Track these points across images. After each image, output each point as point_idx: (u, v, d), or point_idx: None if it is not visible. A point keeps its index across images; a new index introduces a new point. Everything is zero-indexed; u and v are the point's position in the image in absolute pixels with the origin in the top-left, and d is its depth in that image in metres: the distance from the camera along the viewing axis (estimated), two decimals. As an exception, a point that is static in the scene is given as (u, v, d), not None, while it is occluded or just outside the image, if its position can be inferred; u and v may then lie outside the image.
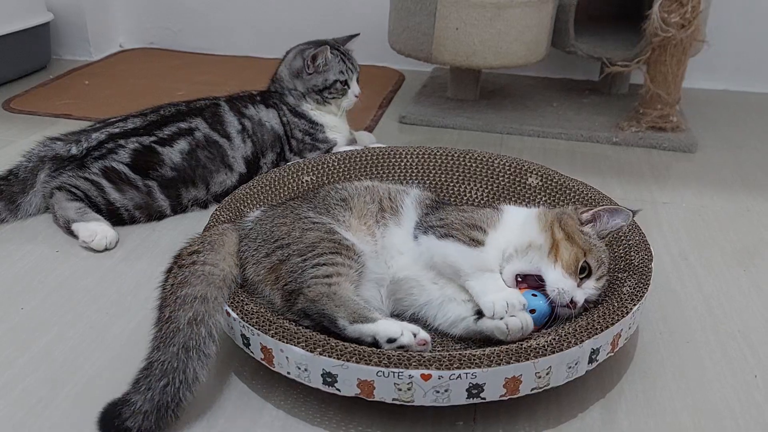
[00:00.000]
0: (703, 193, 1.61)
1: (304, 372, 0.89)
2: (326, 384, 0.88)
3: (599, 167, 1.74)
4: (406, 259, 1.07)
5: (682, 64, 1.82)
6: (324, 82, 1.59)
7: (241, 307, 0.95)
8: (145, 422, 0.84)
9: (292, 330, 0.90)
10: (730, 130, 2.02)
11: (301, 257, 0.99)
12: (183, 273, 0.96)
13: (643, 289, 1.01)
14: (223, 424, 0.91)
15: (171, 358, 0.87)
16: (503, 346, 0.88)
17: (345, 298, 0.93)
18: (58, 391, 0.96)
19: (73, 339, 1.07)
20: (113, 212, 1.38)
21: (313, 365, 0.87)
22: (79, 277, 1.23)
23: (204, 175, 1.47)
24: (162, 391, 0.85)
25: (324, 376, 0.87)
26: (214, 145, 1.49)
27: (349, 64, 1.62)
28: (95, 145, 1.41)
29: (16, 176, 1.40)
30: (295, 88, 1.61)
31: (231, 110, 1.55)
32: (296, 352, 0.88)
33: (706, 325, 1.14)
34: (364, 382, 0.86)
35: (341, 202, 1.12)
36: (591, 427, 0.92)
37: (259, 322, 0.92)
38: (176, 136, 1.46)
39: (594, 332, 0.91)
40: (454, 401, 0.86)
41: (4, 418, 0.92)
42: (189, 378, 0.87)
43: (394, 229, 1.10)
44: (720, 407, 0.96)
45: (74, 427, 0.90)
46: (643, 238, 1.14)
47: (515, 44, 1.86)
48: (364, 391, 0.86)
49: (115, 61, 2.56)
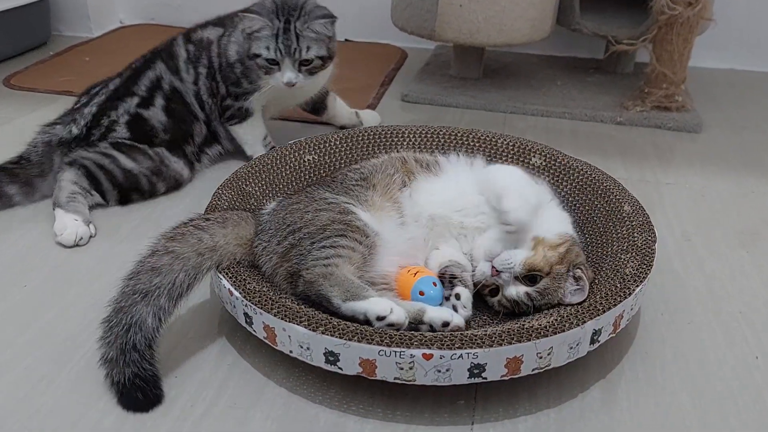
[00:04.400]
0: (707, 174, 1.60)
1: (306, 351, 0.89)
2: (328, 363, 0.88)
3: (603, 147, 1.72)
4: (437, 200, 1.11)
5: (689, 43, 1.80)
6: (248, 50, 1.41)
7: (243, 285, 0.95)
8: (124, 371, 0.89)
9: (295, 309, 0.90)
10: (735, 110, 2.00)
11: (310, 240, 0.99)
12: (179, 230, 0.99)
13: (646, 270, 1.01)
14: (225, 402, 0.92)
15: (130, 303, 0.91)
16: (505, 326, 0.89)
17: (341, 278, 0.93)
18: (62, 367, 0.97)
19: (75, 317, 1.07)
20: (134, 182, 1.38)
21: (315, 344, 0.88)
22: (82, 255, 1.23)
23: (186, 129, 1.47)
24: (122, 336, 0.89)
25: (326, 354, 0.88)
26: (176, 94, 1.47)
27: (287, 44, 1.36)
28: (91, 120, 1.41)
29: (28, 160, 1.38)
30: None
31: (183, 39, 1.51)
32: (298, 330, 0.88)
33: (707, 306, 1.14)
34: (366, 361, 0.86)
35: (361, 182, 1.11)
36: (591, 407, 0.93)
37: (261, 301, 0.92)
38: (151, 91, 1.46)
39: (596, 313, 0.91)
40: (455, 380, 0.87)
41: (8, 395, 0.92)
42: (138, 322, 0.89)
43: (425, 182, 1.14)
44: (720, 388, 0.97)
45: (78, 403, 0.91)
46: (647, 218, 1.13)
47: (519, 21, 1.84)
48: (366, 369, 0.87)
49: (116, 38, 2.54)
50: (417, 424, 0.89)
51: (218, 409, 0.91)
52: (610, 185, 1.23)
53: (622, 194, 1.20)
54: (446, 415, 0.91)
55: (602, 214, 1.19)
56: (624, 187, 1.23)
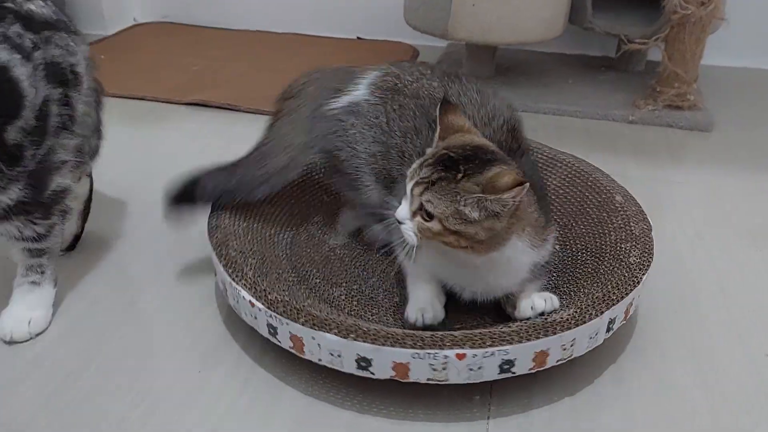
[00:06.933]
0: (719, 173, 1.60)
1: (337, 358, 0.90)
2: (360, 368, 0.89)
3: (615, 146, 1.73)
4: None
5: (701, 42, 1.80)
6: None
7: (265, 296, 0.94)
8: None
9: (322, 317, 0.90)
10: (747, 108, 2.00)
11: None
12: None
13: (648, 258, 1.04)
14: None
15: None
16: (529, 322, 0.91)
17: None
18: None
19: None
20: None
21: (347, 351, 0.88)
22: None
23: None
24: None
25: (358, 361, 0.89)
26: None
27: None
28: None
29: None
30: None
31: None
32: (329, 339, 0.88)
33: (719, 303, 1.15)
34: (399, 365, 0.87)
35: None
36: (604, 394, 0.94)
37: (286, 311, 0.92)
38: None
39: (611, 303, 0.94)
40: (486, 377, 0.89)
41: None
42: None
43: None
44: (730, 384, 0.98)
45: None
46: (639, 208, 1.16)
47: (532, 21, 1.84)
48: (399, 373, 0.88)
49: (130, 35, 2.56)
50: (433, 421, 0.91)
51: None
52: (598, 176, 1.26)
53: (612, 185, 1.23)
54: (462, 410, 0.92)
55: (594, 205, 1.21)
56: (612, 178, 1.25)
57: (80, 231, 1.26)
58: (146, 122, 1.82)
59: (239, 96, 1.93)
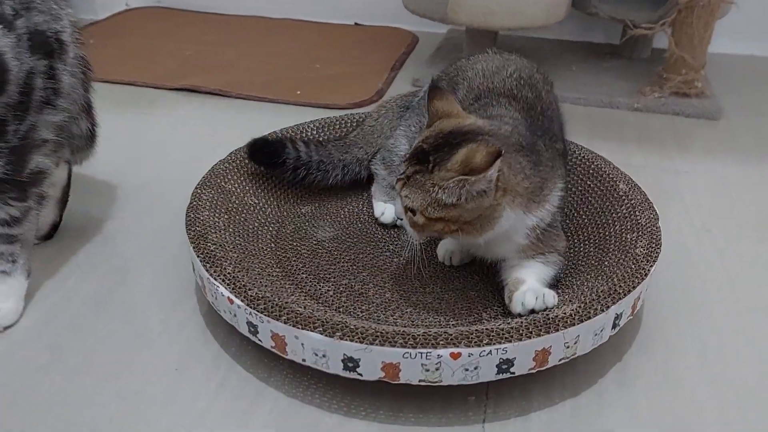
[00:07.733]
0: (727, 162, 1.55)
1: (321, 358, 0.84)
2: (347, 369, 0.83)
3: (620, 134, 1.67)
4: None
5: (710, 27, 1.74)
6: None
7: (245, 293, 0.88)
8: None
9: (306, 314, 0.84)
10: (755, 96, 1.94)
11: None
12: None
13: (656, 249, 0.98)
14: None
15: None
16: (530, 318, 0.85)
17: None
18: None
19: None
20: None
21: (333, 351, 0.82)
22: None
23: None
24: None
25: (344, 361, 0.83)
26: None
27: None
28: None
29: None
30: None
31: None
32: (313, 338, 0.82)
33: (726, 296, 1.10)
34: (389, 365, 0.81)
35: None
36: (607, 398, 0.89)
37: (267, 309, 0.86)
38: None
39: (618, 297, 0.88)
40: (483, 378, 0.83)
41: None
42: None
43: None
44: (736, 380, 0.93)
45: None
46: (645, 197, 1.11)
47: (534, 5, 1.78)
48: (389, 374, 0.82)
49: (121, 20, 2.50)
50: (425, 425, 0.85)
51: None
52: (600, 164, 1.21)
53: (615, 173, 1.17)
54: (456, 413, 0.87)
55: (597, 194, 1.16)
56: (615, 165, 1.20)
57: (58, 219, 1.20)
58: (136, 108, 1.77)
59: (230, 82, 1.87)
